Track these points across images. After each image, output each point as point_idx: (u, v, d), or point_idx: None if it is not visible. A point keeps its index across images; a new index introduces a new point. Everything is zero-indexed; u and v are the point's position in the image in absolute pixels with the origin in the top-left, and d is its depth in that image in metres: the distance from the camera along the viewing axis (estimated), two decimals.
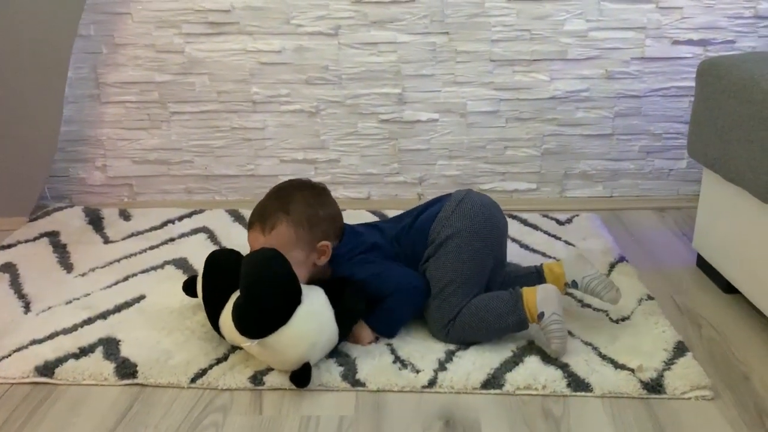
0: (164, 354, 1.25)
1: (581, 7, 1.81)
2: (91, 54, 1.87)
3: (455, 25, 1.83)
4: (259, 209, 1.28)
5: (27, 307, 1.42)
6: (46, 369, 1.21)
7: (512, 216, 1.84)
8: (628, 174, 1.97)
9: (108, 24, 1.84)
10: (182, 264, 1.60)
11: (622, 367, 1.20)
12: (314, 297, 1.20)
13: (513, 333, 1.27)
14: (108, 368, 1.21)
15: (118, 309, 1.41)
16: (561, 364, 1.20)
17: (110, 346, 1.27)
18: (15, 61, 1.74)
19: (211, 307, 1.24)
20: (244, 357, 1.23)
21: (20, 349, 1.27)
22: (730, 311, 1.41)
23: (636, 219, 1.87)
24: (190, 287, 1.35)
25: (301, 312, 1.16)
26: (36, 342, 1.29)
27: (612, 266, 1.57)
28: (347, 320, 1.23)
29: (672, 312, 1.40)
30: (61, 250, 1.69)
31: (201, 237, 1.75)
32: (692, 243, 1.58)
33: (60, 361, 1.23)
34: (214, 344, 1.27)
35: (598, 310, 1.38)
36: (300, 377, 1.15)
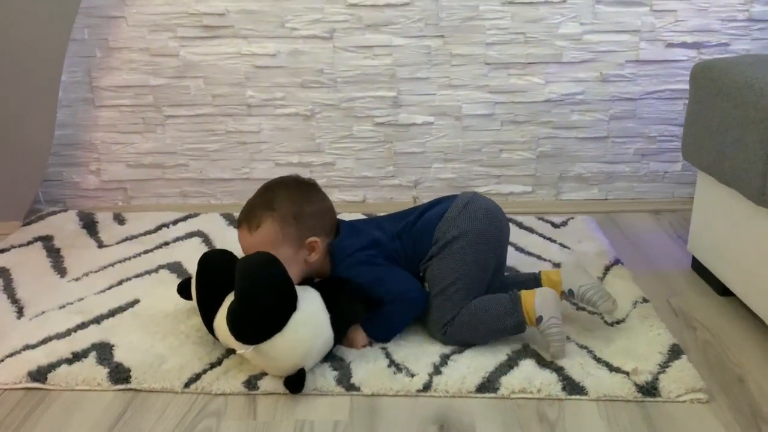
0: (158, 359, 1.24)
1: (576, 11, 1.81)
2: (85, 58, 1.86)
3: (450, 29, 1.83)
4: (246, 208, 1.27)
5: (20, 312, 1.42)
6: (39, 374, 1.20)
7: (508, 219, 1.83)
8: (623, 177, 1.97)
9: (102, 28, 1.84)
10: (177, 268, 1.59)
11: (617, 371, 1.20)
12: (310, 302, 1.19)
13: (510, 335, 1.27)
14: (101, 373, 1.20)
15: (112, 313, 1.40)
16: (556, 368, 1.20)
17: (104, 351, 1.26)
18: (8, 65, 1.73)
19: (206, 309, 1.23)
20: (239, 361, 1.23)
21: (13, 355, 1.26)
22: (725, 314, 1.41)
23: (631, 221, 1.87)
24: (185, 290, 1.35)
25: (297, 318, 1.15)
26: (29, 347, 1.28)
27: (607, 269, 1.57)
28: (343, 325, 1.22)
29: (667, 315, 1.40)
30: (55, 255, 1.68)
31: (196, 241, 1.75)
32: (687, 245, 1.58)
33: (53, 367, 1.22)
34: (208, 349, 1.27)
35: (593, 314, 1.38)
36: (294, 383, 1.14)
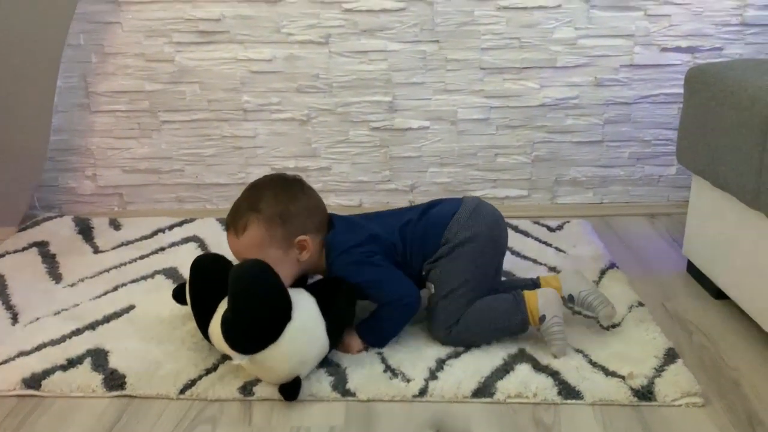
0: (153, 365, 1.24)
1: (570, 15, 1.82)
2: (81, 63, 1.86)
3: (445, 34, 1.83)
4: (232, 211, 1.25)
5: (14, 319, 1.41)
6: (33, 381, 1.20)
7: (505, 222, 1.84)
8: (618, 180, 1.98)
9: (97, 33, 1.84)
10: (172, 273, 1.59)
11: (613, 375, 1.20)
12: (305, 310, 1.17)
13: (514, 335, 1.28)
14: (96, 380, 1.20)
15: (107, 319, 1.39)
16: (552, 372, 1.20)
17: (98, 358, 1.26)
18: (4, 71, 1.73)
19: (200, 314, 1.23)
20: (234, 367, 1.22)
21: (7, 361, 1.25)
22: (720, 317, 1.41)
23: (626, 225, 1.88)
24: (180, 295, 1.34)
25: (292, 328, 1.14)
26: (23, 354, 1.27)
27: (603, 273, 1.57)
28: (338, 330, 1.22)
29: (662, 318, 1.40)
30: (50, 261, 1.67)
31: (191, 246, 1.74)
32: (682, 249, 1.58)
33: (47, 373, 1.21)
34: (204, 354, 1.26)
35: (589, 318, 1.38)
36: (290, 390, 1.14)
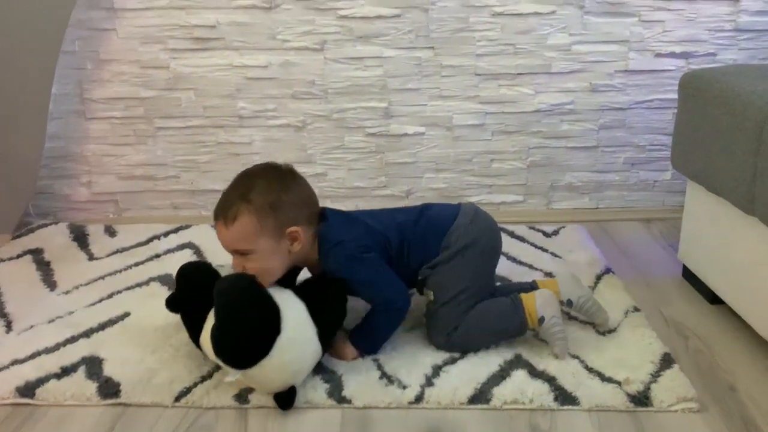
0: (148, 372, 1.23)
1: (564, 21, 1.82)
2: (76, 70, 1.86)
3: (440, 40, 1.84)
4: (221, 200, 1.21)
5: (8, 327, 1.41)
6: (27, 389, 1.19)
7: (499, 228, 1.84)
8: (614, 185, 1.98)
9: (93, 40, 1.84)
10: (167, 280, 1.58)
11: (609, 380, 1.20)
12: (294, 319, 1.14)
13: (512, 338, 1.29)
14: (90, 388, 1.19)
15: (102, 327, 1.39)
16: (548, 378, 1.20)
17: (93, 365, 1.25)
18: None
19: (190, 324, 1.22)
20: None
21: (1, 370, 1.25)
22: (716, 322, 1.41)
23: (622, 230, 1.88)
24: (174, 303, 1.33)
25: (282, 341, 1.11)
26: (17, 362, 1.27)
27: (598, 278, 1.57)
28: (330, 333, 1.21)
29: (658, 324, 1.40)
30: (45, 268, 1.67)
31: (187, 252, 1.74)
32: (677, 254, 1.59)
33: (41, 381, 1.21)
34: (199, 362, 1.26)
35: (585, 323, 1.38)
36: (285, 399, 1.13)
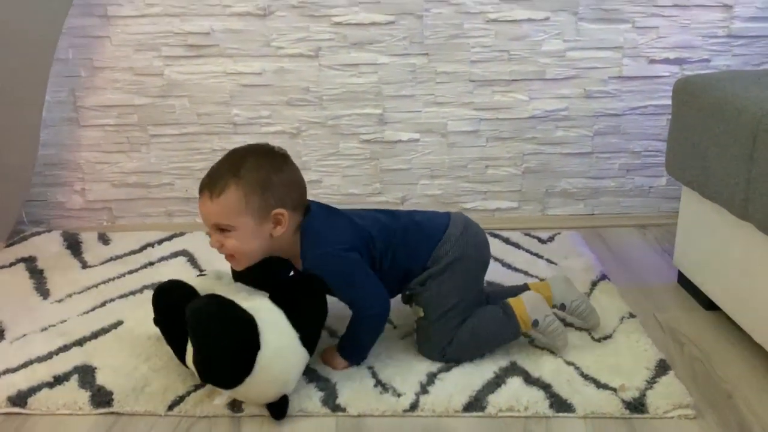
0: (141, 381, 1.22)
1: (558, 28, 1.83)
2: (70, 77, 1.86)
3: (434, 47, 1.84)
4: (210, 173, 1.18)
5: (1, 335, 1.39)
6: (19, 399, 1.18)
7: (494, 235, 1.84)
8: (609, 192, 1.98)
9: (86, 47, 1.83)
10: None
11: (605, 387, 1.19)
12: (274, 330, 1.11)
13: (506, 343, 1.29)
14: (83, 397, 1.18)
15: (95, 335, 1.38)
16: (543, 385, 1.19)
17: (86, 374, 1.24)
18: None
19: (174, 345, 1.20)
20: None
21: None
22: (712, 328, 1.41)
23: (617, 236, 1.88)
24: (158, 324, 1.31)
25: (264, 356, 1.08)
26: (9, 371, 1.26)
27: (594, 284, 1.57)
28: (313, 335, 1.18)
29: (654, 330, 1.40)
30: (38, 276, 1.66)
31: (181, 260, 1.73)
32: (673, 260, 1.59)
33: (33, 391, 1.20)
34: (192, 371, 1.25)
35: (581, 330, 1.37)
36: (278, 409, 1.13)
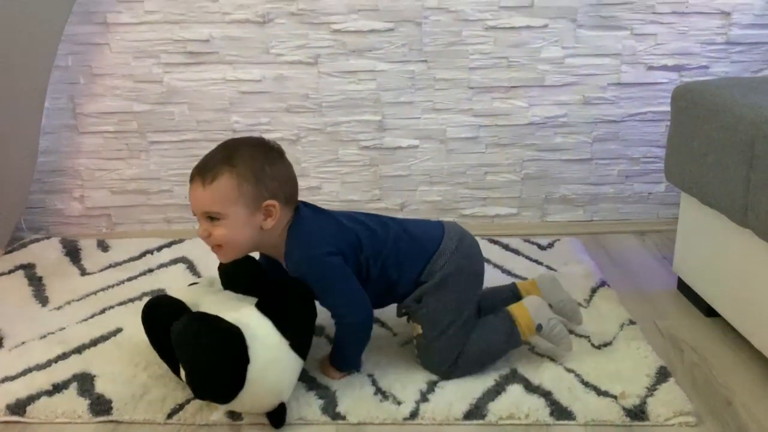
0: (140, 389, 1.22)
1: (557, 35, 1.83)
2: (69, 84, 1.86)
3: (433, 54, 1.84)
4: (202, 161, 1.17)
5: (0, 343, 1.39)
6: (18, 407, 1.17)
7: (494, 241, 1.84)
8: (608, 198, 1.98)
9: (86, 55, 1.84)
10: None
11: (605, 394, 1.19)
12: (263, 342, 1.09)
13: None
14: (82, 405, 1.18)
15: (94, 343, 1.38)
16: (543, 393, 1.19)
17: (85, 382, 1.24)
18: None
19: (169, 361, 1.19)
20: None
21: None
22: (712, 335, 1.41)
23: (616, 243, 1.88)
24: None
25: (254, 369, 1.07)
26: (8, 379, 1.25)
27: (593, 291, 1.57)
28: (304, 339, 1.17)
29: (654, 336, 1.40)
30: (37, 283, 1.65)
31: (180, 267, 1.73)
32: (672, 266, 1.59)
33: (32, 399, 1.19)
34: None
35: (581, 336, 1.37)
36: (276, 417, 1.12)
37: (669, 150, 1.49)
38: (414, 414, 1.15)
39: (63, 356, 1.33)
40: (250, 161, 1.15)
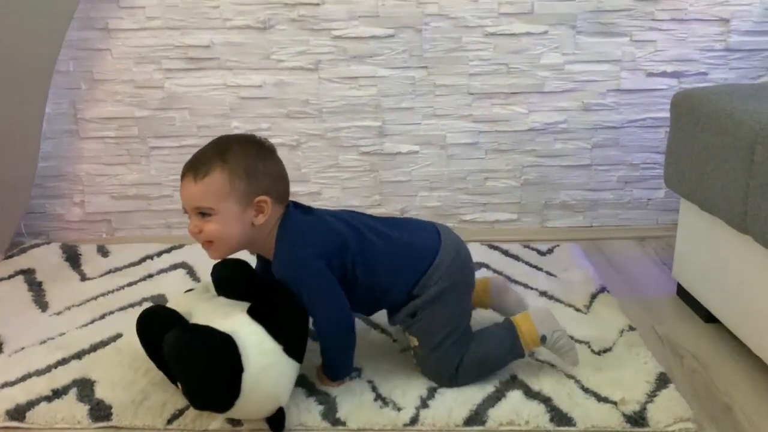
0: (140, 394, 1.22)
1: (557, 41, 1.84)
2: (70, 90, 1.86)
3: (434, 60, 1.85)
4: (194, 157, 1.16)
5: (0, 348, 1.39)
6: (17, 413, 1.17)
7: (494, 247, 1.84)
8: (608, 204, 1.99)
9: (87, 60, 1.84)
10: (160, 301, 1.57)
11: (605, 400, 1.19)
12: (255, 350, 1.08)
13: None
14: (82, 411, 1.18)
15: (94, 348, 1.37)
16: (544, 399, 1.19)
17: (85, 388, 1.24)
18: None
19: (166, 371, 1.18)
20: None
21: None
22: (711, 341, 1.41)
23: (616, 248, 1.88)
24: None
25: (249, 376, 1.06)
26: (8, 384, 1.25)
27: (593, 297, 1.57)
28: (298, 343, 1.15)
29: (653, 343, 1.40)
30: (37, 288, 1.66)
31: (180, 272, 1.73)
32: (672, 272, 1.59)
33: (32, 404, 1.19)
34: None
35: (580, 342, 1.37)
36: (275, 422, 1.12)
37: (668, 156, 1.50)
38: (414, 420, 1.15)
39: (63, 362, 1.32)
40: (242, 157, 1.15)
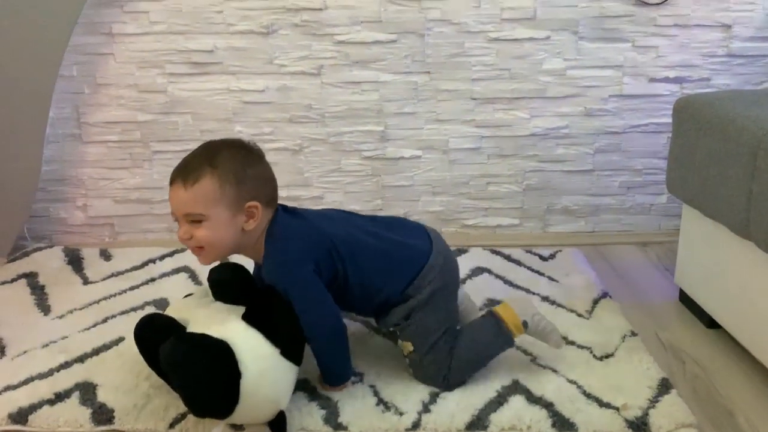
0: (142, 398, 1.22)
1: (559, 47, 1.84)
2: (74, 94, 1.87)
3: (436, 65, 1.85)
4: (183, 163, 1.17)
5: (2, 352, 1.39)
6: (20, 416, 1.17)
7: (495, 252, 1.84)
8: (610, 209, 1.99)
9: (90, 65, 1.85)
10: (162, 304, 1.57)
11: (607, 406, 1.19)
12: (252, 355, 1.08)
13: (503, 352, 1.27)
14: (84, 414, 1.18)
15: (96, 352, 1.38)
16: (545, 404, 1.19)
17: (87, 391, 1.24)
18: None
19: (166, 378, 1.18)
20: None
21: None
22: (713, 346, 1.41)
23: (618, 254, 1.88)
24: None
25: (247, 382, 1.07)
26: (10, 388, 1.25)
27: (595, 302, 1.57)
28: (295, 345, 1.15)
29: (655, 348, 1.40)
30: (39, 292, 1.66)
31: (182, 276, 1.73)
32: (674, 278, 1.59)
33: (34, 408, 1.19)
34: None
35: (582, 348, 1.37)
36: (277, 427, 1.12)
37: (671, 162, 1.50)
38: (416, 425, 1.15)
39: (65, 365, 1.33)
40: (232, 162, 1.15)
